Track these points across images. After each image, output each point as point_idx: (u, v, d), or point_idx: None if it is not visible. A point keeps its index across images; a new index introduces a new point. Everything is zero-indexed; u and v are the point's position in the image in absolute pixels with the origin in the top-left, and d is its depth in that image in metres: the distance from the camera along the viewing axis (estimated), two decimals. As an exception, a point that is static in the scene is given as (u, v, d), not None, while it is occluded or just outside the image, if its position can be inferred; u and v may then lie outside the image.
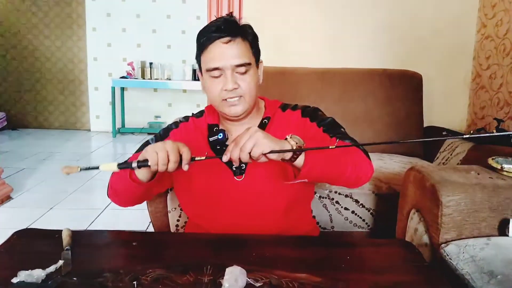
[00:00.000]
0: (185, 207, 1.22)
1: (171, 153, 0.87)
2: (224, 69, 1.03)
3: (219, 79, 1.04)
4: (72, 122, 5.85)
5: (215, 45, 1.02)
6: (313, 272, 0.84)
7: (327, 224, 1.70)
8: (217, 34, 1.02)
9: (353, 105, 2.30)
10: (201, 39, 1.04)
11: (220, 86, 1.04)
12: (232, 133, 1.13)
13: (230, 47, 1.02)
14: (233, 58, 1.02)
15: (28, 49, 5.63)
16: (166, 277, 0.81)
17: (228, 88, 1.03)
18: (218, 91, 1.04)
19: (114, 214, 2.69)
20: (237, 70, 1.03)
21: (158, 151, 0.87)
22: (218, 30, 1.02)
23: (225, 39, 1.02)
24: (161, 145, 0.88)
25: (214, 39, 1.02)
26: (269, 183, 1.09)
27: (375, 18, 2.58)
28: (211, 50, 1.03)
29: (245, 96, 1.06)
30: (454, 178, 1.26)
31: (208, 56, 1.04)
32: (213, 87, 1.05)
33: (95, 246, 0.99)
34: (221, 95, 1.04)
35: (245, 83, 1.04)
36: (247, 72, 1.05)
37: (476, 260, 1.06)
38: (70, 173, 0.86)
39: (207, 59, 1.04)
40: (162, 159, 0.87)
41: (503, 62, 2.28)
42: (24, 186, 3.25)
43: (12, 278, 0.78)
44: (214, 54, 1.02)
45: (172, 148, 0.88)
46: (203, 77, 1.09)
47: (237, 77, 1.04)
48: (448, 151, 2.12)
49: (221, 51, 1.02)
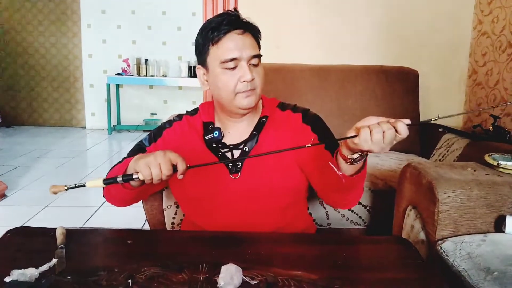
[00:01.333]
0: (181, 204, 1.22)
1: (164, 167, 0.87)
2: (240, 60, 1.01)
3: (234, 71, 1.02)
4: (67, 119, 5.82)
5: (230, 37, 1.01)
6: (309, 269, 0.84)
7: (324, 221, 1.70)
8: (231, 27, 1.01)
9: (350, 102, 2.29)
10: (213, 32, 1.02)
11: (236, 78, 1.02)
12: (228, 130, 1.12)
13: (245, 38, 1.03)
14: (249, 48, 1.02)
15: (22, 46, 5.59)
16: (161, 275, 0.80)
17: (247, 79, 1.01)
18: (233, 83, 1.02)
19: (109, 212, 2.68)
20: (251, 62, 1.03)
21: (151, 166, 0.87)
22: (230, 22, 1.01)
23: (239, 30, 1.02)
24: (153, 160, 0.88)
25: (228, 31, 1.01)
26: (265, 181, 1.09)
27: (371, 15, 2.58)
28: (226, 42, 1.01)
29: (257, 89, 1.05)
30: (450, 174, 1.26)
31: (223, 47, 1.02)
32: (228, 79, 1.03)
33: (89, 244, 0.98)
34: (237, 87, 1.03)
35: (258, 76, 1.05)
36: (259, 64, 1.05)
37: (473, 257, 1.06)
38: (58, 192, 0.87)
39: (222, 51, 1.02)
40: (156, 174, 0.87)
41: (499, 59, 2.28)
42: (18, 184, 3.23)
43: (5, 277, 0.77)
44: (229, 45, 1.01)
45: (164, 162, 0.87)
46: (213, 72, 1.05)
47: (252, 69, 1.03)
48: (444, 147, 2.12)
49: (236, 42, 1.01)
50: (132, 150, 1.14)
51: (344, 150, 0.88)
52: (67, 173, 3.60)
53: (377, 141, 0.79)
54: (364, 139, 0.80)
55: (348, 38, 2.60)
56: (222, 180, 1.09)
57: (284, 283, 0.78)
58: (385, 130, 0.78)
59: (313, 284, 0.78)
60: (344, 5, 2.57)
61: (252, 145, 1.10)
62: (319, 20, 2.60)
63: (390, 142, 0.79)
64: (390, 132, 0.78)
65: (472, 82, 2.55)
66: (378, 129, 0.79)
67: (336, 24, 2.59)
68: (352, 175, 0.92)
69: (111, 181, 0.89)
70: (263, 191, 1.09)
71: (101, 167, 3.85)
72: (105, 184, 0.90)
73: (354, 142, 0.82)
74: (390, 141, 0.79)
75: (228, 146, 1.11)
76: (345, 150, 0.88)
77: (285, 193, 1.11)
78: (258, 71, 1.05)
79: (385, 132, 0.78)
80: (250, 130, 1.12)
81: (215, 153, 1.10)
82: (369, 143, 0.80)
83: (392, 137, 0.79)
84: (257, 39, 1.08)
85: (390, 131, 0.78)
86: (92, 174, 3.62)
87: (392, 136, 0.79)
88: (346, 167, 0.91)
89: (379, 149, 0.80)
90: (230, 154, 1.11)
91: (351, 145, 0.84)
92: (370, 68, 2.38)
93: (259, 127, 1.12)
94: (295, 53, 2.58)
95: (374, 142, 0.79)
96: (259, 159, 1.06)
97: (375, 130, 0.79)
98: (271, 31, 2.53)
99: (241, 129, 1.12)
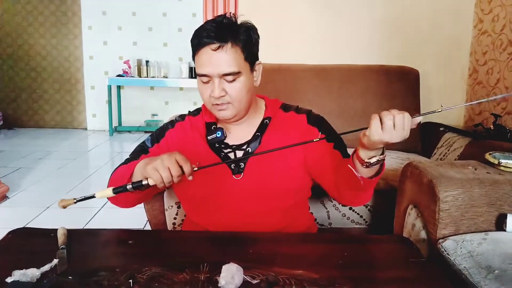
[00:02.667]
0: (184, 204, 1.22)
1: (172, 169, 0.88)
2: (212, 76, 1.00)
3: (208, 85, 1.02)
4: (69, 121, 5.83)
5: (205, 51, 0.99)
6: (310, 268, 0.84)
7: (325, 221, 1.70)
8: (208, 40, 0.98)
9: (351, 102, 2.29)
10: (194, 41, 1.02)
11: (208, 92, 1.02)
12: (230, 131, 1.12)
13: (219, 54, 0.98)
14: (221, 66, 0.99)
15: (23, 48, 5.60)
16: (162, 275, 0.80)
17: (214, 96, 1.01)
18: (207, 96, 1.03)
19: (110, 213, 2.68)
20: (225, 78, 1.00)
21: (160, 170, 0.88)
22: (208, 36, 0.98)
23: (214, 45, 0.98)
24: (161, 164, 0.88)
25: (204, 44, 0.99)
26: (267, 182, 1.09)
27: (371, 14, 2.57)
28: (201, 56, 1.00)
29: (234, 102, 1.03)
30: (451, 173, 1.26)
31: (198, 61, 1.02)
32: (203, 91, 1.04)
33: (91, 244, 0.98)
34: (211, 100, 1.03)
35: (233, 90, 1.01)
36: (235, 80, 1.01)
37: (474, 255, 1.06)
38: (67, 206, 0.89)
39: (198, 64, 1.02)
40: (166, 177, 0.88)
41: (500, 58, 2.28)
42: (20, 185, 3.24)
43: (7, 278, 0.77)
44: (203, 60, 1.00)
45: (173, 164, 0.88)
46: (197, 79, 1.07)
47: (225, 84, 1.01)
48: (445, 146, 2.12)
49: (209, 57, 0.99)
50: (135, 151, 1.14)
51: (361, 152, 0.88)
52: (68, 175, 3.61)
53: (388, 128, 0.78)
54: (375, 129, 0.79)
55: (348, 37, 2.60)
56: (225, 181, 1.09)
57: (285, 282, 0.78)
58: (395, 115, 0.78)
59: (314, 283, 0.78)
60: (344, 4, 2.57)
61: (256, 146, 1.10)
62: (319, 20, 2.60)
63: (402, 127, 0.78)
64: (399, 117, 0.78)
65: (472, 81, 2.55)
66: (388, 116, 0.78)
67: (337, 24, 2.59)
68: (370, 176, 0.92)
69: (120, 189, 0.90)
70: (266, 192, 1.09)
71: (103, 168, 3.85)
72: (115, 193, 0.90)
73: (366, 134, 0.82)
74: (402, 126, 0.78)
75: (231, 147, 1.11)
76: (362, 152, 0.88)
77: (288, 194, 1.11)
78: (234, 86, 1.01)
79: (395, 117, 0.78)
80: (253, 131, 1.12)
81: (217, 154, 1.10)
82: (380, 133, 0.79)
83: (402, 122, 0.78)
84: (245, 48, 1.02)
85: (399, 116, 0.78)
86: (94, 175, 3.63)
87: (402, 121, 0.78)
88: (362, 170, 0.91)
89: (391, 137, 0.79)
90: (232, 155, 1.11)
91: (365, 141, 0.84)
92: (371, 67, 2.38)
93: (262, 128, 1.12)
94: (295, 52, 2.58)
95: (386, 130, 0.78)
96: (262, 161, 1.07)
97: (385, 118, 0.79)
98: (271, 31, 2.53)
99: (243, 130, 1.12)
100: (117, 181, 0.99)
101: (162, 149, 1.12)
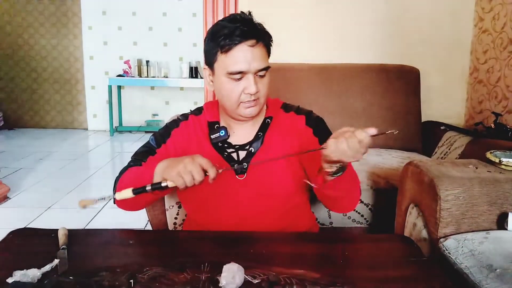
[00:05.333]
0: (185, 203, 1.21)
1: (195, 174, 0.89)
2: (247, 73, 1.01)
3: (239, 82, 1.02)
4: (69, 121, 5.83)
5: (241, 48, 1.00)
6: (311, 268, 0.83)
7: (326, 220, 1.70)
8: (243, 38, 0.99)
9: (351, 101, 2.29)
10: (224, 39, 1.00)
11: (241, 89, 1.02)
12: (234, 130, 1.12)
13: (255, 50, 1.01)
14: (258, 61, 1.01)
15: (23, 48, 5.60)
16: (163, 275, 0.80)
17: (251, 92, 1.01)
18: (237, 93, 1.03)
19: (111, 214, 2.68)
20: (258, 74, 1.03)
21: (183, 175, 0.89)
22: (243, 32, 0.99)
23: (251, 42, 1.00)
24: (184, 168, 0.89)
25: (239, 42, 0.99)
26: (270, 182, 1.09)
27: (372, 13, 2.57)
28: (235, 53, 1.00)
29: (261, 98, 1.05)
30: (452, 172, 1.25)
31: (232, 58, 1.00)
32: (232, 89, 1.03)
33: (91, 245, 0.98)
34: (241, 97, 1.03)
35: (263, 86, 1.04)
36: (265, 75, 1.05)
37: (475, 254, 1.05)
38: (88, 206, 0.89)
39: (231, 62, 1.00)
40: (189, 181, 0.89)
41: (501, 56, 2.27)
42: (21, 186, 3.24)
43: (8, 278, 0.77)
44: (238, 57, 1.00)
45: (196, 169, 0.89)
46: (218, 78, 1.05)
47: (257, 80, 1.03)
48: (446, 145, 2.12)
49: (246, 54, 1.00)
50: (139, 152, 1.13)
51: (324, 164, 0.91)
52: (69, 175, 3.61)
53: (342, 150, 0.82)
54: (331, 150, 0.84)
55: (349, 36, 2.59)
56: (228, 181, 1.09)
57: (286, 282, 0.78)
58: (347, 138, 0.82)
59: (315, 282, 0.78)
60: (345, 3, 2.56)
61: (258, 146, 1.10)
62: (319, 19, 2.59)
63: (356, 150, 0.82)
64: (351, 140, 0.81)
65: (473, 79, 2.54)
66: (341, 139, 0.82)
67: (337, 23, 2.59)
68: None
69: (140, 190, 0.91)
70: (269, 192, 1.09)
71: (103, 168, 3.85)
72: (135, 194, 0.91)
73: (324, 154, 0.86)
74: (355, 148, 0.82)
75: (233, 146, 1.11)
76: (324, 164, 0.91)
77: (290, 194, 1.11)
78: (264, 82, 1.05)
79: (348, 140, 0.81)
80: (255, 130, 1.12)
81: (221, 153, 1.10)
82: (336, 153, 0.84)
83: (355, 145, 0.81)
84: (268, 47, 1.07)
85: (351, 140, 0.81)
86: (95, 175, 3.63)
87: (355, 144, 0.81)
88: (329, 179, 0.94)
89: (347, 157, 0.84)
90: (235, 155, 1.11)
91: (327, 158, 0.88)
92: (371, 66, 2.37)
93: (264, 127, 1.12)
94: (295, 51, 2.57)
95: (341, 151, 0.82)
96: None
97: (339, 141, 0.82)
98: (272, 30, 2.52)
99: (246, 129, 1.12)
100: (133, 184, 0.96)
101: (169, 149, 1.12)
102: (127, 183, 1.01)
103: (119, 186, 1.05)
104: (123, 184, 1.03)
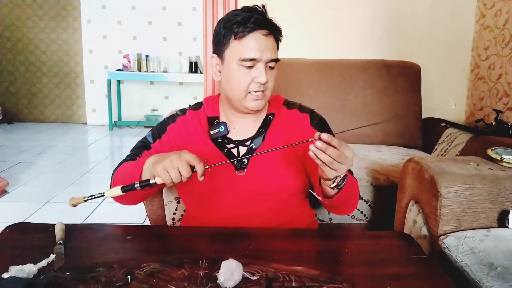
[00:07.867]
0: (185, 199, 1.21)
1: (182, 169, 0.87)
2: (259, 61, 1.01)
3: (250, 70, 1.02)
4: (68, 115, 5.81)
5: (254, 36, 1.00)
6: (310, 265, 0.83)
7: (325, 217, 1.69)
8: (257, 25, 1.00)
9: (352, 97, 2.28)
10: (238, 26, 1.00)
11: (251, 77, 1.02)
12: (234, 125, 1.12)
13: (268, 40, 1.02)
14: (270, 51, 1.02)
15: (22, 42, 5.57)
16: (161, 270, 0.79)
17: (261, 81, 1.01)
18: (247, 82, 1.02)
19: (110, 209, 2.68)
20: (269, 64, 1.03)
21: (169, 170, 0.87)
22: (258, 21, 1.00)
23: (264, 31, 1.01)
24: (170, 164, 0.87)
25: (254, 29, 1.00)
26: (270, 179, 1.08)
27: (373, 9, 2.55)
28: (249, 40, 1.00)
29: (268, 91, 1.06)
30: (453, 169, 1.24)
31: (245, 45, 1.01)
32: (242, 77, 1.02)
33: (89, 240, 0.97)
34: (250, 87, 1.03)
35: (271, 79, 1.05)
36: (274, 68, 1.05)
37: (476, 252, 1.05)
38: (77, 204, 0.89)
39: (244, 48, 1.01)
40: (175, 177, 0.87)
41: (502, 53, 2.26)
42: (19, 180, 3.23)
43: (3, 273, 0.76)
44: (252, 44, 1.00)
45: (182, 164, 0.87)
46: (228, 66, 1.04)
47: (267, 71, 1.03)
48: (446, 142, 2.11)
49: (260, 42, 1.01)
50: (136, 147, 1.13)
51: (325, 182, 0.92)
52: (68, 169, 3.60)
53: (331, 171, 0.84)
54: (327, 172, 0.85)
55: (349, 32, 2.58)
56: (227, 177, 1.08)
57: (285, 279, 0.77)
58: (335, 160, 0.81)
59: (314, 279, 0.78)
60: (345, -1, 2.55)
61: (259, 142, 1.09)
62: (320, 15, 2.57)
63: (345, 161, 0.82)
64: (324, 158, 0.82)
65: (474, 76, 2.53)
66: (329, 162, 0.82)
67: (337, 19, 2.57)
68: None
69: (129, 188, 0.90)
70: (268, 188, 1.08)
71: (102, 163, 3.85)
72: (123, 192, 0.90)
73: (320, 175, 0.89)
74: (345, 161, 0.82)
75: (234, 142, 1.10)
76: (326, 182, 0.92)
77: (290, 191, 1.11)
78: (273, 75, 1.05)
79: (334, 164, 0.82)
80: (257, 126, 1.11)
81: (220, 149, 1.09)
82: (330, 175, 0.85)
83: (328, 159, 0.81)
84: (278, 42, 1.08)
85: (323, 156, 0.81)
86: (94, 170, 3.62)
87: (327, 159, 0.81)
88: (330, 190, 0.94)
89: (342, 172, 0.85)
90: (236, 150, 1.10)
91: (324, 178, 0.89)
92: (372, 62, 2.36)
93: (266, 124, 1.12)
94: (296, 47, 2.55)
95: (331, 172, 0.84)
96: (265, 157, 1.06)
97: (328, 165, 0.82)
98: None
99: (247, 125, 1.11)
100: (123, 179, 0.98)
101: (164, 144, 1.11)
102: (119, 178, 1.02)
103: (113, 181, 1.06)
104: (116, 179, 1.04)
